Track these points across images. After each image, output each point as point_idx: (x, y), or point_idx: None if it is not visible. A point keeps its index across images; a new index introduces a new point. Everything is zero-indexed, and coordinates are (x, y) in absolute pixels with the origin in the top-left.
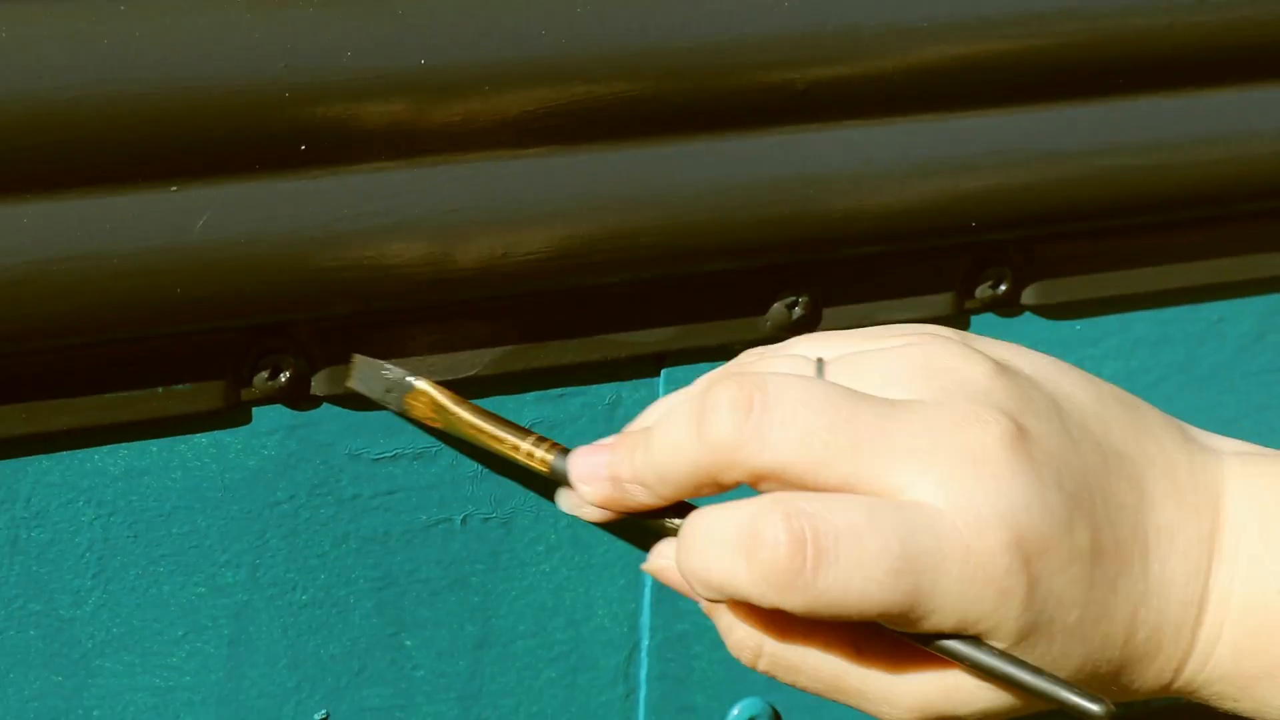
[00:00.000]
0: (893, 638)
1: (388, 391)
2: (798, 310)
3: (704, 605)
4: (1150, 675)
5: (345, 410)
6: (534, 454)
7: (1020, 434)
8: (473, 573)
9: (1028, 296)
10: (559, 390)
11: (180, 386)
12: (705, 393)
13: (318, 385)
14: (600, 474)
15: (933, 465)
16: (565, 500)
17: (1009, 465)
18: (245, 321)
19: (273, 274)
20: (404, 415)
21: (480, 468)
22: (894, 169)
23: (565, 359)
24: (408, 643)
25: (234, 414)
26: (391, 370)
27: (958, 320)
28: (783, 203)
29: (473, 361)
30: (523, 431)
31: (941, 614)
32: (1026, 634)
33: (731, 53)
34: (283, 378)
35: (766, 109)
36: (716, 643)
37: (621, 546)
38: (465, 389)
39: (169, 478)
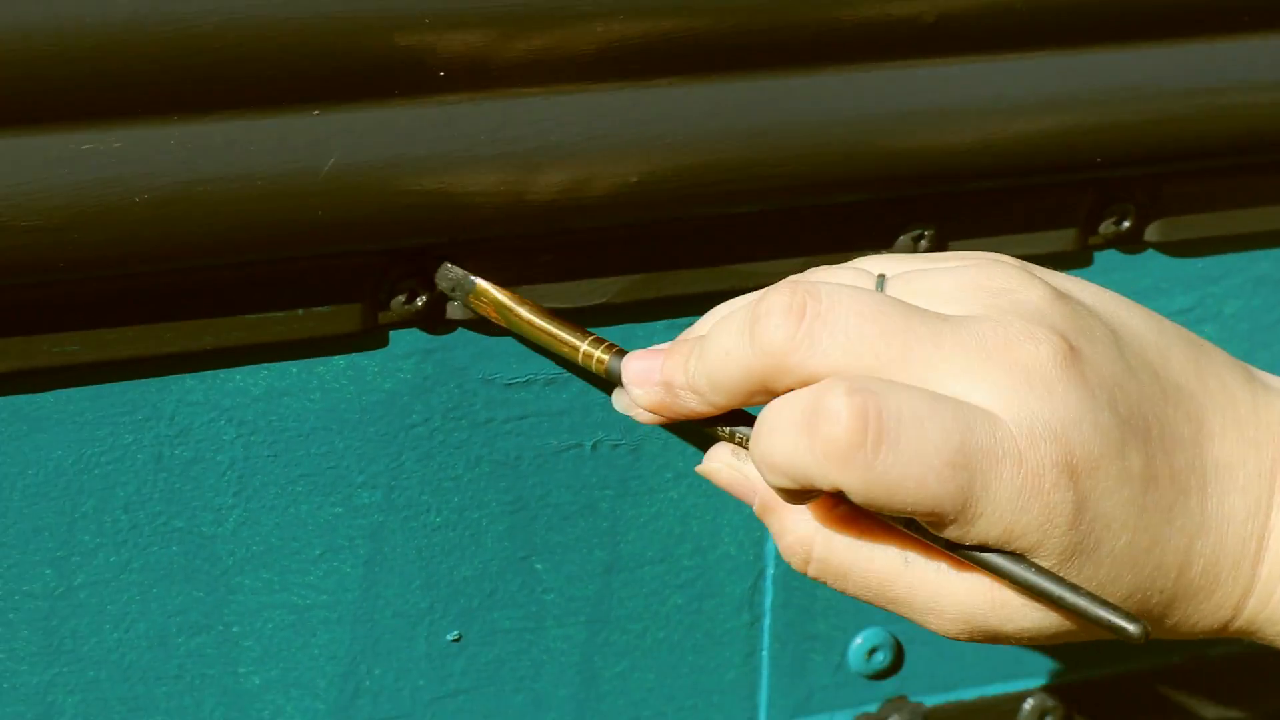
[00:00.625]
0: (940, 551)
1: (452, 290)
2: (923, 243)
3: (757, 508)
4: (1207, 611)
5: (480, 335)
6: (591, 355)
7: (1073, 353)
8: (602, 498)
9: (1151, 233)
10: (689, 319)
11: (319, 309)
12: (759, 300)
13: (453, 310)
14: (653, 378)
15: (986, 374)
16: (619, 400)
17: (1061, 381)
18: (383, 245)
19: (411, 199)
20: (474, 312)
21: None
22: (1021, 103)
23: (695, 288)
24: (538, 566)
25: (371, 337)
26: (453, 270)
27: (1081, 256)
28: (910, 135)
29: (604, 289)
30: (581, 332)
31: (989, 520)
32: (1072, 553)
33: None
34: (419, 302)
35: (896, 41)
36: None
37: None
38: (596, 316)
39: (308, 398)
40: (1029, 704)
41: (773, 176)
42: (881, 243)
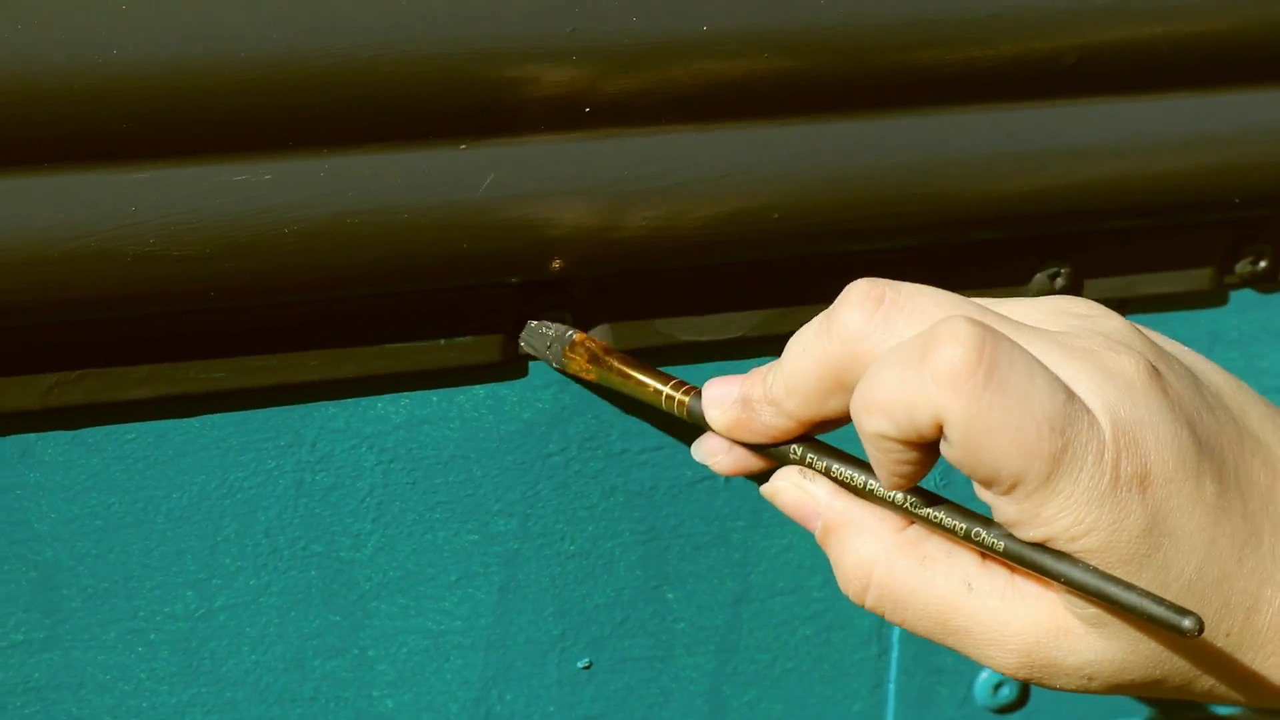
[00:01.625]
0: (1004, 578)
1: (548, 347)
2: (1060, 280)
3: (820, 531)
4: (1274, 667)
5: None
6: (673, 397)
7: (1155, 372)
8: (734, 529)
9: None
10: None
11: (461, 339)
12: (839, 297)
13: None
14: (731, 398)
15: (1069, 366)
16: (698, 449)
17: (1144, 389)
18: (524, 277)
19: (553, 231)
20: (563, 370)
21: None
22: (1160, 143)
23: None
24: (669, 595)
25: (511, 367)
26: (551, 328)
27: (1216, 295)
28: (1050, 174)
29: (741, 323)
30: (665, 378)
31: (1064, 501)
32: (1141, 565)
33: (1005, 25)
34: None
35: (1037, 81)
36: None
37: None
38: (732, 349)
39: (447, 427)
40: None
41: (911, 214)
42: (1018, 280)
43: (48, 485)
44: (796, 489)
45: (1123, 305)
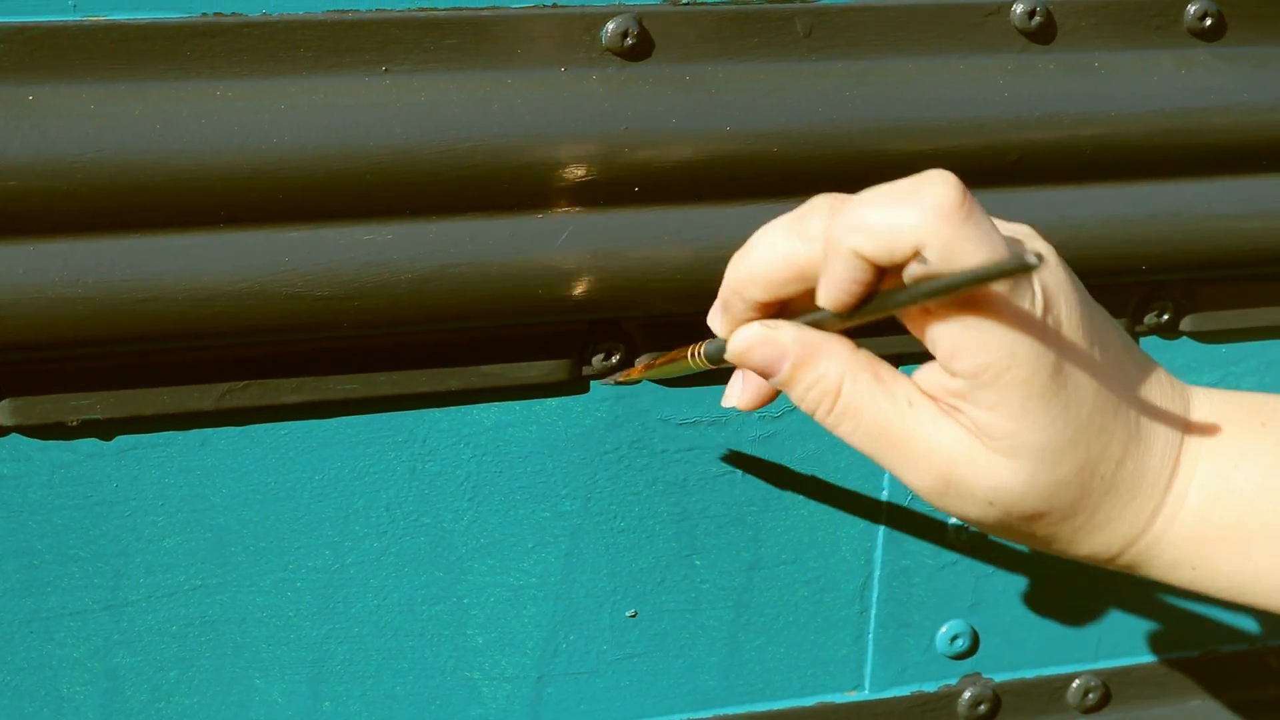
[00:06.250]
0: (936, 405)
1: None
2: None
3: (788, 369)
4: (1129, 517)
5: (659, 385)
6: (695, 353)
7: (1064, 264)
8: (749, 512)
9: (1185, 325)
10: None
11: (538, 362)
12: (802, 206)
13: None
14: (716, 312)
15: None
16: (723, 400)
17: (1058, 265)
18: (588, 316)
19: (610, 281)
20: (628, 382)
21: (758, 435)
22: (1084, 222)
23: None
24: (697, 563)
25: (576, 385)
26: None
27: None
28: None
29: None
30: (685, 347)
31: (1008, 320)
32: (1052, 398)
33: (960, 127)
34: (614, 359)
35: (987, 173)
36: (932, 575)
37: (861, 500)
38: None
39: (527, 430)
40: (1076, 683)
41: None
42: None
43: (221, 468)
44: (763, 338)
45: None
